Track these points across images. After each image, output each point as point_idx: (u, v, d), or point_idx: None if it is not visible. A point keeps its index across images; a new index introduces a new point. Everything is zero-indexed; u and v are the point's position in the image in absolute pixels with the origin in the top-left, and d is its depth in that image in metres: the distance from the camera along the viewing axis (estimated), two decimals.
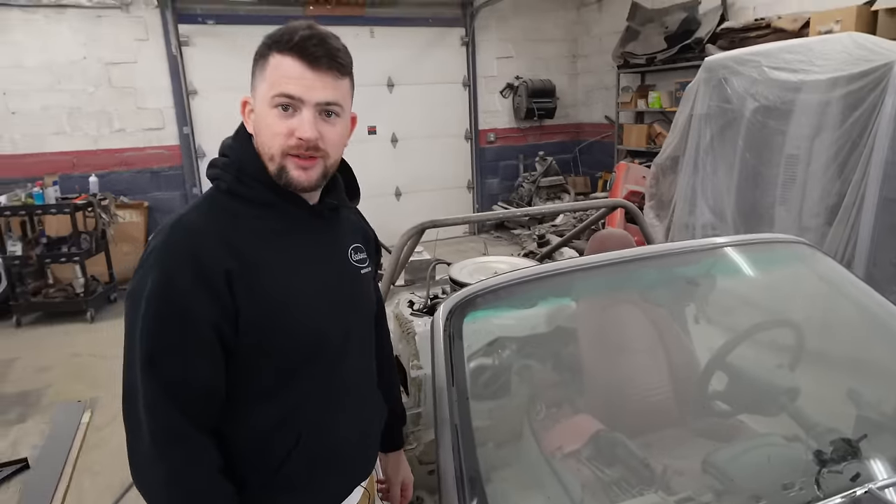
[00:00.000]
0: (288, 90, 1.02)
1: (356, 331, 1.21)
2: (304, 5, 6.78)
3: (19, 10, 5.83)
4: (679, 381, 1.82)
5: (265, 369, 1.07)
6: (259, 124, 1.07)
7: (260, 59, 1.07)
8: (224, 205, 1.08)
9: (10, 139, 6.02)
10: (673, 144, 4.86)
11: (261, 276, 1.03)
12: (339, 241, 1.22)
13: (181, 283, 0.97)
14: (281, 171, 1.06)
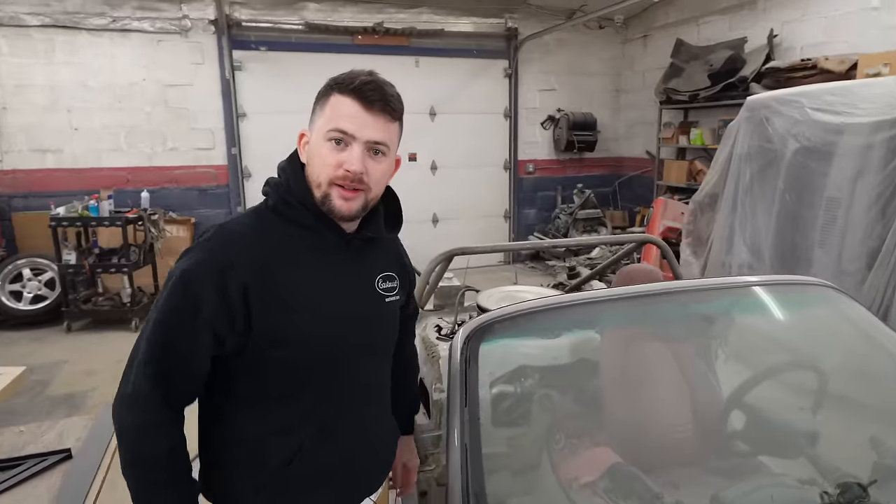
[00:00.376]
0: (342, 126, 1.13)
1: (371, 354, 1.29)
2: (353, 35, 7.03)
3: (88, 33, 6.22)
4: (700, 419, 1.81)
5: (273, 375, 1.16)
6: (312, 154, 1.18)
7: (322, 97, 1.19)
8: (266, 219, 1.19)
9: (72, 154, 6.37)
10: (712, 182, 4.82)
11: (280, 290, 1.13)
12: (369, 268, 1.29)
13: (201, 282, 1.08)
14: (325, 198, 1.16)
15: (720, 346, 1.90)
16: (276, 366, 1.15)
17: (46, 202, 5.83)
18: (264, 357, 1.14)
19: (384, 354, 1.36)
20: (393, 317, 1.36)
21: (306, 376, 1.18)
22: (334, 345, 1.20)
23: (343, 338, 1.21)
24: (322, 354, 1.18)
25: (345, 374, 1.23)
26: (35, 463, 1.95)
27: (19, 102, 6.13)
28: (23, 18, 6.01)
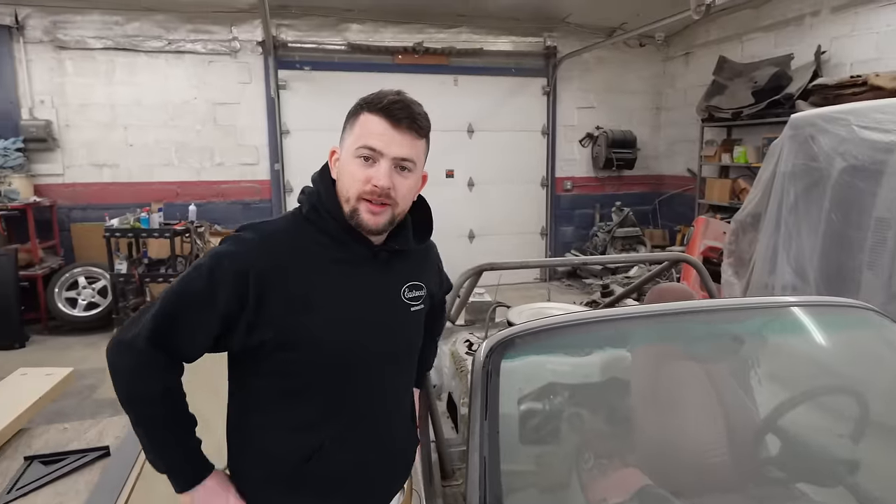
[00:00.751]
0: (371, 143, 1.19)
1: (392, 362, 1.33)
2: (393, 55, 7.19)
3: (146, 55, 6.55)
4: (735, 443, 1.78)
5: (291, 375, 1.21)
6: (342, 170, 1.23)
7: (352, 116, 1.24)
8: (299, 225, 1.26)
9: (127, 168, 6.69)
10: (755, 201, 4.72)
11: (299, 292, 1.18)
12: (395, 278, 1.33)
13: (225, 270, 1.15)
14: (354, 213, 1.21)
15: (755, 368, 1.87)
16: (294, 366, 1.21)
17: (102, 214, 6.13)
18: (281, 357, 1.19)
19: (407, 362, 1.40)
20: (417, 324, 1.39)
21: (322, 379, 1.22)
22: (349, 350, 1.23)
23: (360, 344, 1.24)
24: (337, 359, 1.22)
25: (363, 379, 1.27)
26: (76, 458, 2.07)
27: (81, 120, 6.49)
28: (88, 42, 6.37)
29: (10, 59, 6.19)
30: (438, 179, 7.64)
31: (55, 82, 6.37)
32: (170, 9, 6.45)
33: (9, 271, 5.51)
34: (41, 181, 6.44)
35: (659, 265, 2.72)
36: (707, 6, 4.82)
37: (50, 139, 6.34)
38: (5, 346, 5.47)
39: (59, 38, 6.29)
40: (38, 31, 6.25)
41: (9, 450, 2.13)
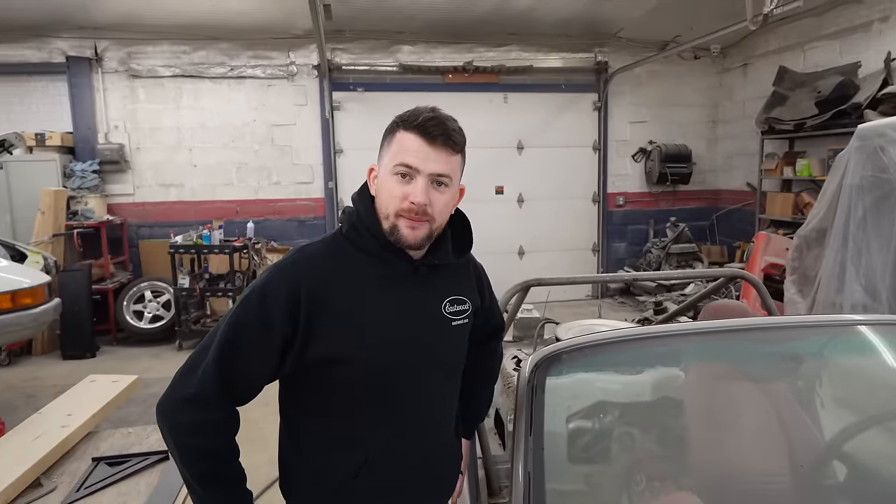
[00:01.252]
0: (407, 160, 1.20)
1: (433, 377, 1.34)
2: (444, 74, 7.31)
3: (210, 81, 6.90)
4: (796, 469, 1.70)
5: (334, 391, 1.25)
6: (380, 188, 1.25)
7: (388, 134, 1.27)
8: (340, 245, 1.29)
9: (191, 188, 7.03)
10: (819, 215, 4.52)
11: (342, 311, 1.21)
12: (436, 293, 1.34)
13: (275, 297, 1.19)
14: (393, 229, 1.23)
15: (818, 389, 1.79)
16: (334, 383, 1.24)
17: (168, 231, 6.45)
18: (324, 374, 1.23)
19: (449, 377, 1.40)
20: (460, 339, 1.39)
21: (365, 394, 1.25)
22: (391, 367, 1.25)
23: (402, 360, 1.26)
24: (380, 373, 1.24)
25: (406, 393, 1.28)
26: (138, 461, 2.18)
27: (151, 143, 6.89)
28: (158, 70, 6.78)
29: (90, 89, 6.65)
30: (488, 196, 7.67)
31: (128, 108, 6.80)
32: (232, 37, 6.79)
33: (83, 285, 5.85)
34: (113, 200, 6.85)
35: (714, 282, 2.64)
36: (765, 16, 4.69)
37: (122, 161, 6.76)
38: (77, 355, 5.80)
39: (132, 68, 6.72)
40: (115, 61, 6.70)
41: (78, 451, 2.27)
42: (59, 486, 2.01)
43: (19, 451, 2.08)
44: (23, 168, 6.25)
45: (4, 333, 3.91)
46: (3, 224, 6.13)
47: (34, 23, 6.29)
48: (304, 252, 1.27)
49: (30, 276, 4.15)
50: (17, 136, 4.63)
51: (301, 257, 1.26)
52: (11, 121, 6.41)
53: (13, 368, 5.56)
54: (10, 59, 6.49)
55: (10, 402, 4.62)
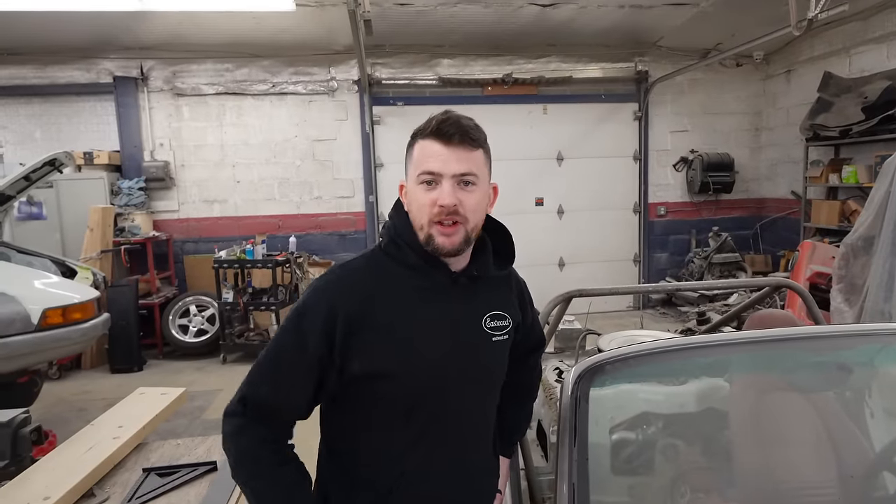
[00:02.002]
0: (428, 167, 1.20)
1: (472, 392, 1.32)
2: (483, 87, 7.34)
3: (252, 98, 7.09)
4: (845, 481, 1.64)
5: (372, 406, 1.24)
6: (411, 200, 1.26)
7: (409, 148, 1.28)
8: (379, 260, 1.29)
9: (234, 204, 7.21)
10: (867, 223, 4.37)
11: (382, 325, 1.21)
12: (476, 307, 1.32)
13: (312, 319, 1.21)
14: (429, 239, 1.22)
15: (867, 400, 1.72)
16: (375, 397, 1.24)
17: (212, 246, 6.62)
18: (364, 389, 1.23)
19: (488, 392, 1.38)
20: (500, 355, 1.38)
21: (404, 409, 1.24)
22: (431, 381, 1.24)
23: (441, 376, 1.25)
24: (419, 390, 1.24)
25: (443, 409, 1.27)
26: (187, 472, 2.22)
27: (195, 160, 7.10)
28: (202, 88, 7.00)
29: (136, 108, 6.91)
30: (528, 207, 7.64)
31: (173, 126, 7.03)
32: (274, 54, 6.97)
33: (130, 300, 6.02)
34: (159, 217, 7.07)
35: (758, 291, 2.57)
36: (809, 21, 4.58)
37: (167, 178, 6.97)
38: (125, 369, 5.96)
39: (177, 87, 6.95)
40: (160, 80, 6.94)
41: (129, 462, 2.32)
42: (111, 497, 2.06)
43: (72, 463, 2.14)
44: (72, 186, 6.49)
45: (56, 348, 4.02)
46: (54, 241, 6.35)
47: (82, 44, 6.56)
48: (344, 269, 1.28)
49: (80, 291, 4.27)
50: (67, 156, 4.83)
51: (340, 275, 1.27)
52: (61, 140, 6.70)
53: (63, 382, 5.73)
54: (59, 80, 6.78)
55: (62, 415, 4.77)
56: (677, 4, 6.10)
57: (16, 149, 6.76)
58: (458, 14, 6.13)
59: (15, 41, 6.36)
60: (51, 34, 6.23)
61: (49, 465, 2.15)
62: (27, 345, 3.82)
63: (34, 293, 4.02)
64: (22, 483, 2.03)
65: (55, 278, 4.50)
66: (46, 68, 6.74)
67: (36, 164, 4.62)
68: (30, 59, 6.66)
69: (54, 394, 5.29)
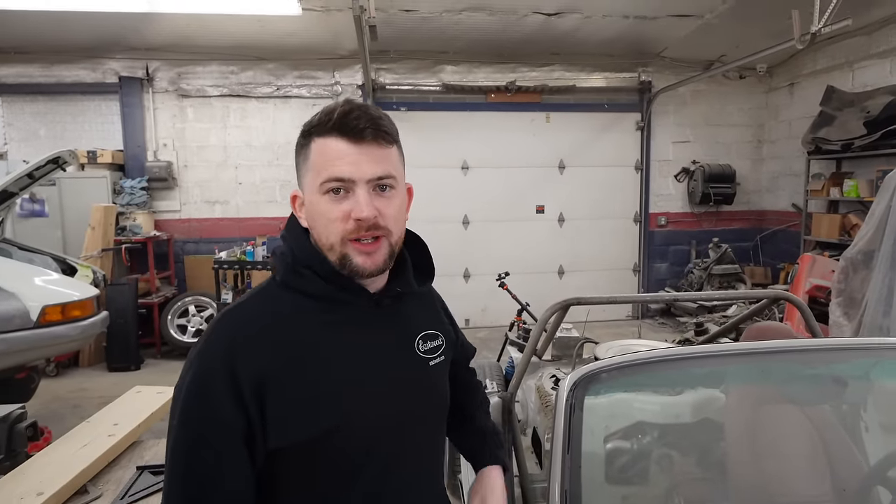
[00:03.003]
0: (336, 173, 0.96)
1: (419, 428, 1.11)
2: (486, 94, 7.36)
3: (256, 100, 7.12)
4: (840, 494, 1.64)
5: (318, 467, 0.99)
6: (312, 214, 1.01)
7: (301, 148, 1.02)
8: (276, 297, 1.02)
9: (236, 205, 7.23)
10: (867, 237, 4.38)
11: (303, 381, 0.96)
12: (405, 329, 1.12)
13: (214, 392, 0.92)
14: (344, 260, 0.99)
15: (862, 413, 1.72)
16: (301, 473, 0.99)
17: (212, 247, 6.64)
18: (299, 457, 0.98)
19: (435, 426, 1.18)
20: (441, 381, 1.17)
21: (342, 479, 1.00)
22: (372, 430, 1.02)
23: (383, 426, 1.03)
24: (361, 443, 1.01)
25: (390, 455, 1.05)
26: None
27: (198, 161, 7.12)
28: (206, 90, 7.03)
29: (140, 108, 6.94)
30: (529, 215, 7.66)
31: (177, 127, 7.05)
32: (279, 58, 7.00)
33: (130, 299, 6.03)
34: (161, 217, 7.08)
35: (757, 303, 2.57)
36: (812, 35, 4.60)
37: (170, 178, 7.00)
38: (123, 367, 5.97)
39: (182, 88, 6.98)
40: (165, 81, 6.97)
41: (123, 460, 2.33)
42: (105, 494, 2.06)
43: (67, 459, 2.15)
44: (74, 185, 6.52)
45: (54, 345, 4.03)
46: (55, 238, 6.36)
47: (89, 44, 6.59)
48: (232, 323, 0.98)
49: (79, 289, 4.29)
50: (71, 154, 4.85)
51: (231, 332, 0.97)
52: (65, 139, 6.73)
53: (61, 379, 5.74)
54: (66, 79, 6.81)
55: (57, 412, 4.77)
56: (682, 16, 6.13)
57: (20, 146, 6.78)
58: (463, 21, 6.16)
59: (22, 39, 6.39)
60: (58, 33, 6.25)
61: (43, 461, 2.15)
62: (25, 341, 3.83)
63: (34, 290, 4.03)
64: (16, 478, 2.03)
65: (55, 275, 4.50)
66: (53, 67, 6.77)
67: (40, 161, 4.64)
68: (36, 57, 6.69)
69: (51, 391, 5.29)
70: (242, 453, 0.93)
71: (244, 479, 0.94)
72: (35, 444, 3.02)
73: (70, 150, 4.88)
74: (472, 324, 7.55)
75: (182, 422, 0.93)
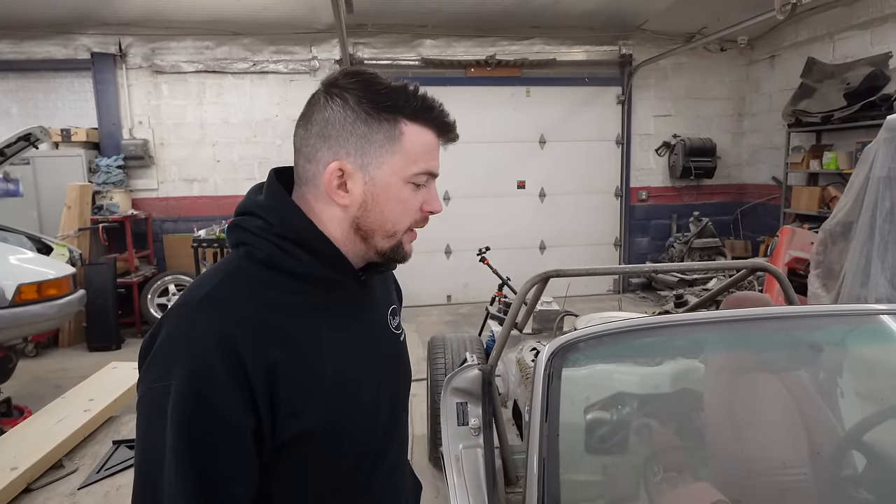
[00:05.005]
0: (433, 168, 0.94)
1: (401, 411, 1.10)
2: (466, 68, 7.28)
3: (233, 76, 6.97)
4: (815, 459, 1.68)
5: (321, 463, 0.93)
6: (380, 198, 0.92)
7: (378, 123, 0.90)
8: (257, 277, 0.90)
9: (214, 183, 7.12)
10: (845, 209, 4.43)
11: (308, 362, 0.89)
12: (380, 307, 1.08)
13: (216, 384, 0.80)
14: (398, 247, 0.97)
15: (838, 380, 1.75)
16: (320, 456, 0.93)
17: (191, 226, 6.56)
18: (302, 452, 0.91)
19: (404, 403, 1.15)
20: (406, 356, 1.15)
21: (352, 459, 0.97)
22: (376, 415, 1.01)
23: (382, 406, 1.02)
24: (367, 426, 0.99)
25: (384, 441, 1.04)
26: None
27: (174, 138, 6.98)
28: (181, 66, 6.86)
29: (114, 85, 6.76)
30: (510, 190, 7.64)
31: (152, 104, 6.89)
32: (255, 32, 6.84)
33: (108, 278, 5.96)
34: (138, 195, 6.96)
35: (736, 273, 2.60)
36: (793, 6, 4.59)
37: (146, 157, 6.85)
38: (103, 347, 5.92)
39: (156, 64, 6.81)
40: (139, 57, 6.79)
41: (100, 434, 2.32)
42: (81, 468, 2.06)
43: (42, 434, 2.15)
44: (49, 163, 6.38)
45: (30, 324, 3.99)
46: (30, 218, 6.24)
47: (59, 19, 6.39)
48: (215, 305, 0.85)
49: (55, 267, 4.24)
50: (42, 130, 4.74)
51: (215, 316, 0.84)
52: (38, 117, 6.52)
53: (40, 360, 5.70)
54: (36, 55, 6.62)
55: (37, 392, 4.73)
56: None
57: None
58: None
59: None
60: (27, 9, 6.07)
61: (18, 437, 2.15)
62: (1, 320, 3.78)
63: (9, 268, 3.97)
64: None
65: (30, 254, 4.44)
66: (23, 43, 6.57)
67: (10, 138, 4.54)
68: (5, 33, 6.48)
69: (30, 371, 5.25)
70: (253, 453, 0.84)
71: (253, 480, 0.86)
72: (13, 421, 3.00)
73: (41, 126, 4.77)
74: (453, 300, 7.57)
75: (182, 431, 0.79)
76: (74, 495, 1.87)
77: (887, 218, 4.05)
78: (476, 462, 2.08)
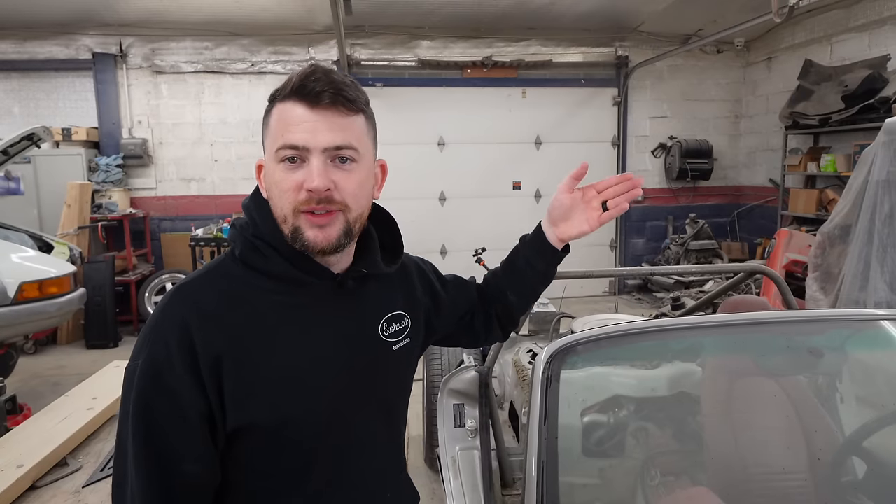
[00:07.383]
0: (290, 139, 0.90)
1: (374, 416, 1.07)
2: (462, 69, 7.29)
3: (231, 76, 6.98)
4: (814, 464, 1.68)
5: (265, 461, 0.95)
6: (269, 184, 0.96)
7: (265, 116, 0.96)
8: (231, 275, 0.96)
9: (212, 182, 7.13)
10: (844, 212, 4.45)
11: (259, 359, 0.92)
12: (369, 312, 1.06)
13: (171, 365, 0.87)
14: (296, 233, 0.93)
15: (837, 385, 1.76)
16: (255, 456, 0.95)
17: (188, 224, 6.56)
18: (241, 448, 0.93)
19: (395, 410, 1.14)
20: (404, 367, 1.13)
21: (295, 465, 0.97)
22: (331, 417, 0.99)
23: (341, 409, 1.00)
24: (319, 430, 0.98)
25: (347, 442, 1.02)
26: None
27: (173, 138, 6.99)
28: (181, 66, 6.87)
29: (115, 85, 6.77)
30: (505, 191, 7.65)
31: (151, 104, 6.90)
32: (253, 33, 6.85)
33: (107, 276, 5.96)
34: (136, 194, 6.96)
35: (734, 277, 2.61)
36: (790, 8, 4.61)
37: (145, 156, 6.86)
38: (101, 345, 5.93)
39: (156, 64, 6.81)
40: (139, 58, 6.80)
41: (102, 433, 2.32)
42: (84, 466, 2.06)
43: (47, 432, 2.15)
44: (49, 162, 6.40)
45: (31, 321, 4.02)
46: (31, 216, 6.26)
47: (61, 20, 6.40)
48: (184, 297, 0.92)
49: (56, 265, 4.27)
50: (45, 131, 4.77)
51: (181, 306, 0.91)
52: (39, 116, 6.55)
53: (39, 357, 5.71)
54: (38, 55, 6.63)
55: (36, 389, 4.75)
56: None
57: None
58: None
59: None
60: (30, 9, 6.08)
61: (23, 434, 2.16)
62: (3, 318, 3.82)
63: (11, 267, 4.00)
64: None
65: (32, 252, 4.46)
66: (25, 43, 6.59)
67: (14, 138, 4.55)
68: (8, 34, 6.50)
69: (29, 368, 5.26)
70: (203, 433, 0.89)
71: (206, 460, 0.90)
72: (14, 419, 3.01)
73: (44, 127, 4.79)
74: None
75: (138, 404, 0.87)
76: (79, 493, 1.87)
77: (886, 221, 4.06)
78: (472, 464, 2.08)
